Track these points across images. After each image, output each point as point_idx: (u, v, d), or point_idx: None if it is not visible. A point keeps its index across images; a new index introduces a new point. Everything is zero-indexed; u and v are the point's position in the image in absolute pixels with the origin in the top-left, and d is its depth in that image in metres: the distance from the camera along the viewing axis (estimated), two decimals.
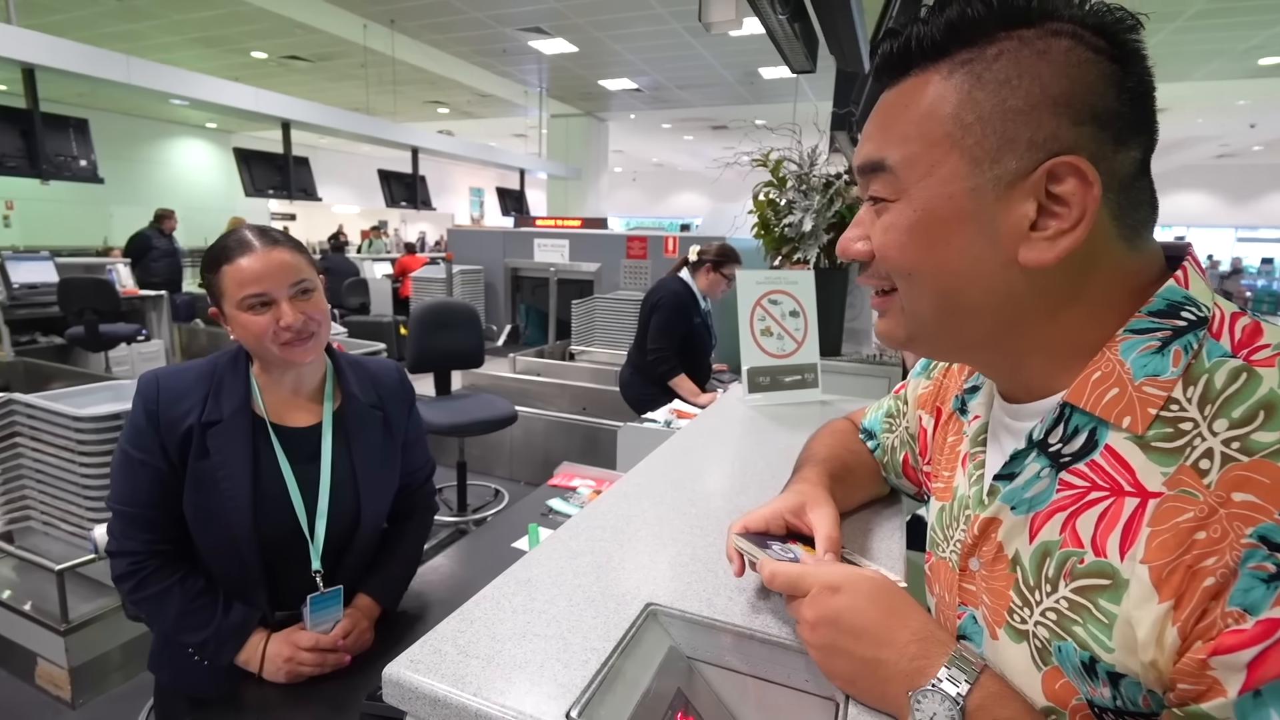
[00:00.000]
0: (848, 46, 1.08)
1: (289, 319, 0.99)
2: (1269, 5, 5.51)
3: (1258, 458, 0.35)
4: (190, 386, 1.03)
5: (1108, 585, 0.40)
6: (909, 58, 0.45)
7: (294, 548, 1.05)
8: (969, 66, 0.42)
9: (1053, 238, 0.41)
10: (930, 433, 0.68)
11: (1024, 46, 0.41)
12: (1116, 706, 0.40)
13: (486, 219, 18.33)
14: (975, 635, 0.50)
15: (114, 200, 10.34)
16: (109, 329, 4.77)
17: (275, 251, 1.02)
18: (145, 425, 1.00)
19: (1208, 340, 0.40)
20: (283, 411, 1.08)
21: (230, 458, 1.00)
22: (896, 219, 0.46)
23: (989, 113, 0.42)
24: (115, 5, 6.31)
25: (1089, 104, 0.40)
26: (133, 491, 1.01)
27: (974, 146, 0.42)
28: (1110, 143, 0.41)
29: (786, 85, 8.50)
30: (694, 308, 2.84)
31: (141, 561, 1.02)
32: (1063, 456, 0.45)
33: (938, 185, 0.44)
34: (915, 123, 0.44)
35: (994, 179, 0.42)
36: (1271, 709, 0.32)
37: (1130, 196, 0.42)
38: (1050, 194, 0.41)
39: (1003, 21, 0.42)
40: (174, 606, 1.00)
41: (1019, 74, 0.41)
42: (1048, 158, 0.40)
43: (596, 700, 0.47)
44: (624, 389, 3.02)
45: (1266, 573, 0.33)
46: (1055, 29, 0.41)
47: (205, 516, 1.01)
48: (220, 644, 1.00)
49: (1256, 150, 13.25)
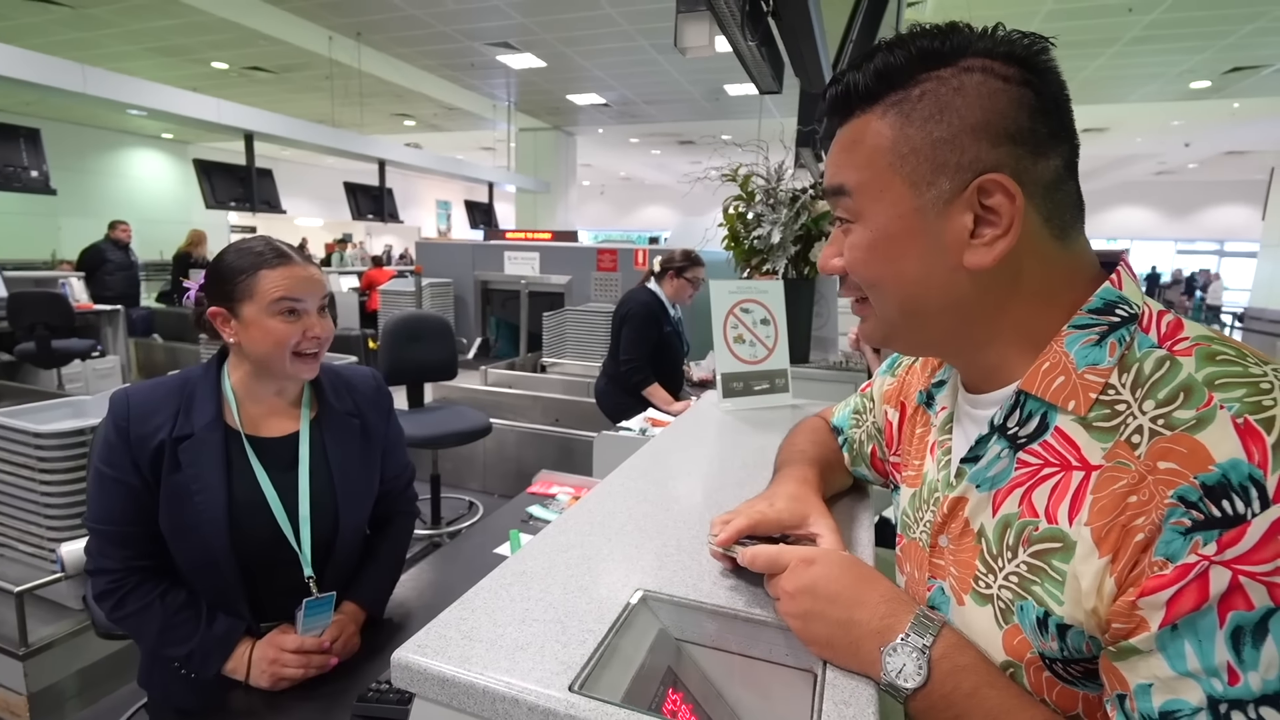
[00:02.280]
0: (811, 69, 1.15)
1: (318, 330, 1.05)
2: (1198, 34, 5.89)
3: (1178, 431, 0.41)
4: (161, 402, 1.03)
5: (1059, 548, 0.46)
6: (850, 101, 0.52)
7: (276, 557, 1.05)
8: (899, 107, 0.49)
9: (990, 243, 0.48)
10: (896, 426, 0.74)
11: (942, 85, 0.48)
12: (1063, 656, 0.46)
13: (454, 232, 18.20)
14: (943, 605, 0.56)
15: (63, 212, 9.97)
16: (62, 345, 4.60)
17: (310, 268, 1.08)
18: (117, 442, 1.00)
19: (1138, 334, 0.47)
20: (259, 421, 1.09)
21: (203, 471, 1.01)
22: (858, 238, 0.53)
23: (920, 144, 0.48)
24: (68, 14, 6.14)
25: (1003, 127, 0.47)
26: (108, 509, 1.01)
27: (912, 173, 0.49)
28: (1029, 156, 0.47)
29: (751, 102, 8.72)
30: (663, 316, 2.90)
31: (120, 579, 1.01)
32: (1019, 438, 0.50)
33: (888, 207, 0.50)
34: (863, 155, 0.51)
35: (934, 199, 0.49)
36: (1185, 639, 0.38)
37: (1056, 200, 0.49)
38: (983, 205, 0.48)
39: (922, 64, 0.49)
40: (156, 622, 1.00)
41: (940, 109, 0.48)
42: (974, 177, 0.47)
43: (595, 675, 0.50)
44: (599, 399, 3.07)
45: (1184, 527, 0.39)
46: (967, 65, 0.48)
47: (181, 531, 1.01)
48: (205, 656, 1.00)
49: (1192, 168, 14.04)
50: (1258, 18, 5.45)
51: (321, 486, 1.09)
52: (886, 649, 0.49)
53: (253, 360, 1.06)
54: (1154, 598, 0.39)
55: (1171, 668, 0.39)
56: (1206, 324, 0.48)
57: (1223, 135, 10.58)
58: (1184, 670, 0.38)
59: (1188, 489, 0.39)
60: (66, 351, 4.67)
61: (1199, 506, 0.38)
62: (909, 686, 0.47)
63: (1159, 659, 0.39)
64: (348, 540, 1.12)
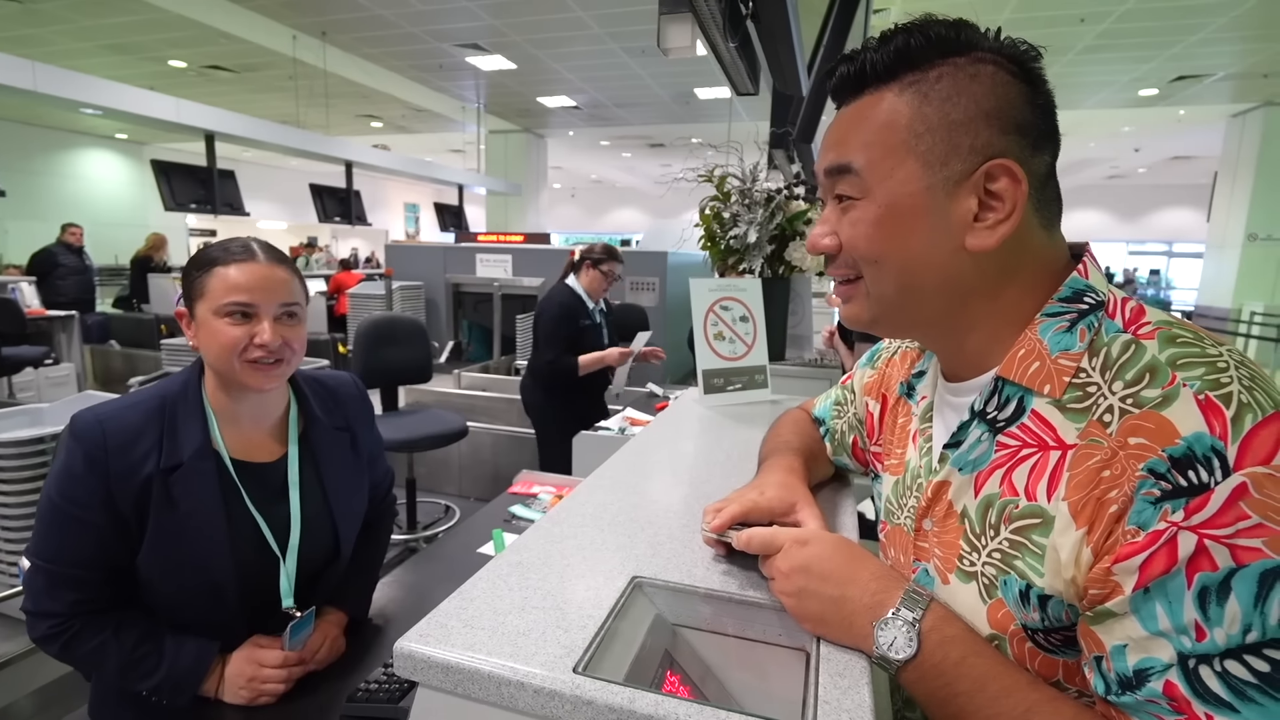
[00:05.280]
0: (788, 71, 1.18)
1: (266, 337, 0.93)
2: (1147, 43, 6.16)
3: (1146, 409, 0.44)
4: (140, 428, 0.91)
5: (1039, 523, 0.48)
6: (864, 79, 0.54)
7: (268, 583, 1.00)
8: (916, 86, 0.51)
9: (992, 226, 0.50)
10: (878, 416, 0.76)
11: (958, 71, 0.50)
12: (1044, 626, 0.49)
13: (423, 235, 17.96)
14: (928, 585, 0.58)
15: (10, 215, 9.57)
16: (12, 352, 4.43)
17: (277, 268, 0.97)
18: (86, 475, 0.87)
19: (1105, 319, 0.50)
20: (244, 446, 1.00)
21: (200, 505, 0.92)
22: (863, 214, 0.54)
23: (936, 124, 0.50)
24: (16, 9, 5.91)
25: (1012, 117, 0.50)
26: (62, 548, 0.89)
27: (927, 152, 0.51)
28: (1030, 149, 0.50)
29: (721, 105, 8.81)
30: (580, 311, 2.82)
31: (64, 624, 0.90)
32: (998, 422, 0.53)
33: (898, 185, 0.52)
34: (874, 132, 0.53)
35: (944, 179, 0.51)
36: (1156, 601, 0.41)
37: (1045, 194, 0.52)
38: (988, 190, 0.50)
39: (940, 50, 0.51)
40: (113, 660, 0.91)
41: (958, 92, 0.50)
42: (984, 161, 0.50)
43: (598, 657, 0.51)
44: (522, 392, 2.97)
45: (1154, 497, 0.41)
46: (980, 56, 0.51)
47: (175, 569, 0.92)
48: (177, 685, 0.92)
49: (1141, 172, 14.63)
50: (1202, 28, 5.72)
51: (316, 511, 1.03)
52: (878, 623, 0.51)
53: (210, 367, 0.98)
54: (1127, 563, 0.42)
55: (1144, 628, 0.41)
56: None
57: (1170, 141, 11.06)
58: (1156, 630, 0.41)
59: (1157, 461, 0.42)
60: (18, 359, 4.49)
61: (1167, 477, 0.41)
62: (900, 658, 0.50)
63: (1132, 620, 0.42)
64: (344, 557, 1.09)
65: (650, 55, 6.90)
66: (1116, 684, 0.43)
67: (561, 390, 2.77)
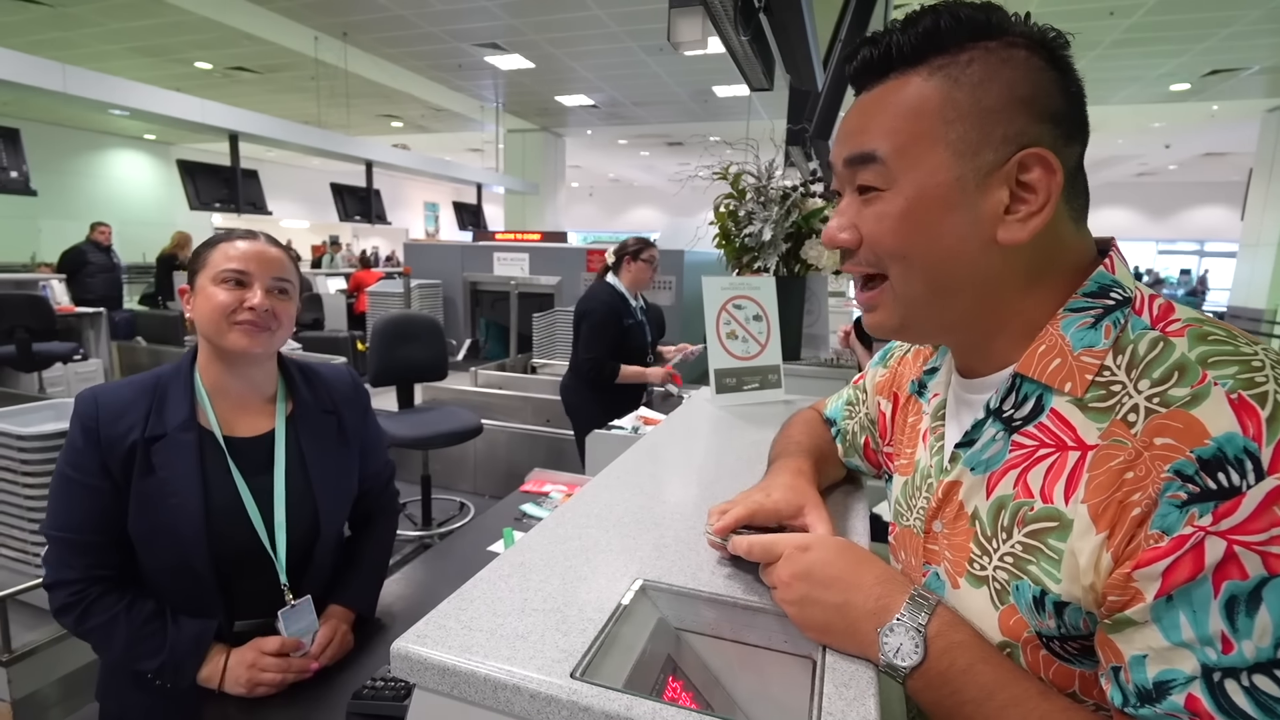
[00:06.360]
0: (802, 66, 1.16)
1: (257, 299, 1.00)
2: (1178, 37, 6.00)
3: (1174, 409, 0.41)
4: (131, 402, 0.99)
5: (1055, 526, 0.46)
6: (889, 62, 0.51)
7: (252, 559, 1.01)
8: (945, 70, 0.48)
9: (1024, 219, 0.48)
10: (889, 416, 0.74)
11: (990, 55, 0.48)
12: (1060, 634, 0.47)
13: (442, 233, 18.12)
14: (938, 589, 0.56)
15: (43, 214, 9.84)
16: (43, 348, 4.53)
17: (272, 248, 1.06)
18: (84, 444, 0.95)
19: (1131, 316, 0.47)
20: (232, 421, 1.05)
21: (178, 473, 0.97)
22: (888, 207, 0.51)
23: (968, 111, 0.48)
24: (48, 13, 6.06)
25: (1046, 105, 0.47)
26: (71, 516, 0.96)
27: (957, 141, 0.48)
28: (1063, 138, 0.48)
29: (739, 103, 8.76)
30: (624, 310, 2.85)
31: (82, 591, 0.96)
32: (1014, 421, 0.51)
33: (926, 175, 0.49)
34: (901, 118, 0.50)
35: (975, 169, 0.48)
36: (1180, 609, 0.39)
37: (1076, 185, 0.50)
38: (1019, 182, 0.48)
39: (970, 33, 0.48)
40: (122, 635, 0.95)
41: (990, 77, 0.47)
42: (1018, 150, 0.47)
43: (596, 663, 0.50)
44: (564, 394, 3.00)
45: (1180, 500, 0.39)
46: (1012, 41, 0.48)
47: (154, 535, 0.97)
48: (178, 665, 0.95)
49: (1172, 169, 14.27)
50: (1235, 21, 5.55)
51: (298, 487, 1.06)
52: (883, 629, 0.49)
53: (202, 336, 1.03)
54: (1149, 569, 0.40)
55: (1166, 638, 0.39)
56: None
57: (1202, 137, 10.77)
58: (1178, 640, 0.39)
59: (1184, 463, 0.39)
60: (48, 355, 4.60)
61: (1195, 480, 0.39)
62: (906, 665, 0.48)
63: (1153, 630, 0.40)
64: (327, 541, 1.09)
65: (668, 53, 6.88)
66: (1135, 696, 0.41)
67: (605, 391, 2.78)
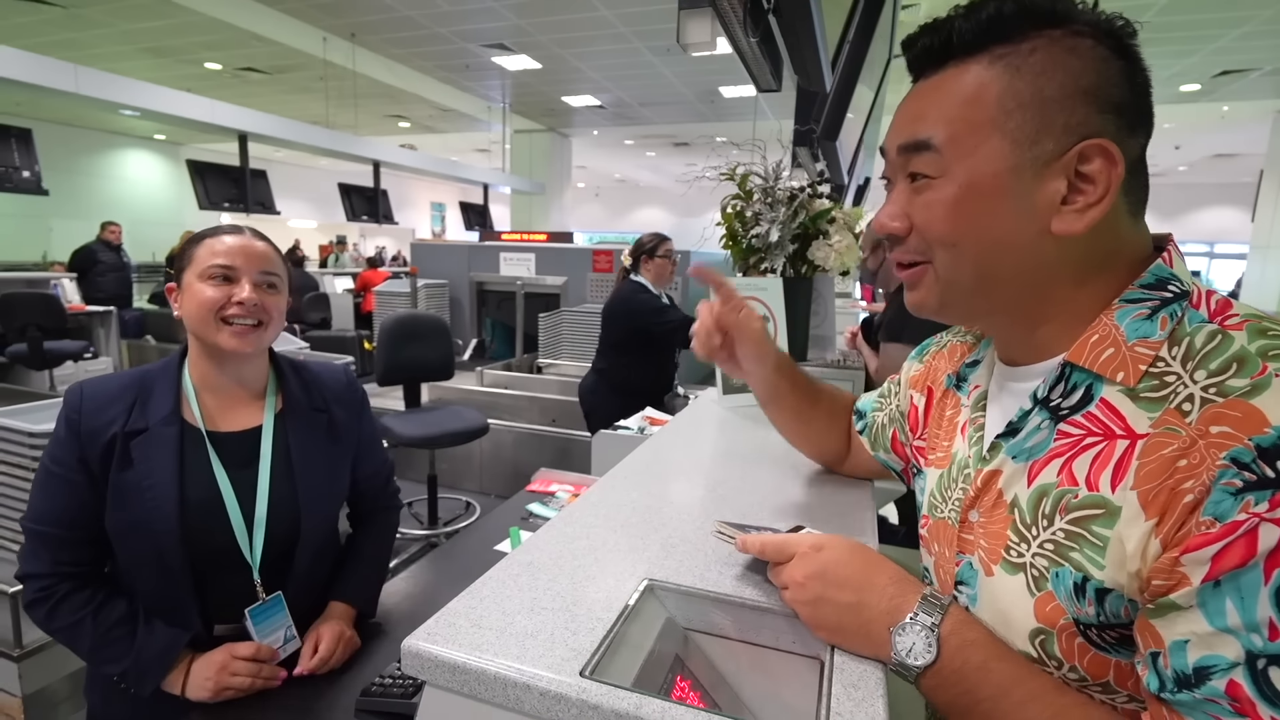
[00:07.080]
0: (811, 67, 1.16)
1: (245, 294, 0.99)
2: (1188, 37, 5.96)
3: (1232, 398, 0.41)
4: (116, 395, 0.98)
5: (1101, 513, 0.46)
6: (949, 50, 0.50)
7: (230, 558, 1.00)
8: (1006, 59, 0.48)
9: (1081, 210, 0.48)
10: (922, 410, 0.73)
11: (1053, 44, 0.47)
12: (1099, 621, 0.46)
13: (449, 234, 18.17)
14: (971, 579, 0.55)
15: (54, 213, 9.92)
16: (54, 346, 4.58)
17: (258, 242, 1.05)
18: (66, 436, 0.95)
19: (1189, 310, 0.47)
20: (219, 415, 1.04)
21: (155, 467, 0.96)
22: (941, 195, 0.51)
23: (1029, 100, 0.47)
24: (60, 14, 6.11)
25: (1110, 95, 0.47)
26: (48, 509, 0.95)
27: (1015, 130, 0.48)
28: (1126, 130, 0.48)
29: (746, 104, 8.75)
30: (656, 299, 2.85)
31: (50, 587, 0.94)
32: (1061, 409, 0.50)
33: (982, 163, 0.49)
34: (958, 106, 0.49)
35: (1032, 159, 0.48)
36: (1228, 596, 0.38)
37: (1136, 179, 0.49)
38: (1078, 172, 0.47)
39: (1033, 20, 0.48)
40: (88, 637, 0.94)
41: (1053, 66, 0.47)
42: (1079, 141, 0.47)
43: (605, 661, 0.51)
44: (583, 395, 2.98)
45: (1235, 487, 0.39)
46: (1077, 29, 0.47)
47: (128, 530, 0.96)
48: (141, 673, 0.94)
49: (1182, 170, 14.16)
50: (1246, 22, 5.51)
51: (283, 484, 1.04)
52: (896, 629, 0.49)
53: (191, 333, 1.02)
54: (1198, 554, 0.39)
55: (1210, 623, 0.39)
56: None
57: (1212, 138, 10.69)
58: (1223, 626, 0.38)
59: (1241, 450, 0.39)
60: (59, 353, 4.65)
61: (1252, 468, 0.39)
62: (919, 664, 0.48)
63: (1197, 614, 0.39)
64: (310, 541, 1.07)
65: (675, 54, 6.88)
66: (1173, 681, 0.40)
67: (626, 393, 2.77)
